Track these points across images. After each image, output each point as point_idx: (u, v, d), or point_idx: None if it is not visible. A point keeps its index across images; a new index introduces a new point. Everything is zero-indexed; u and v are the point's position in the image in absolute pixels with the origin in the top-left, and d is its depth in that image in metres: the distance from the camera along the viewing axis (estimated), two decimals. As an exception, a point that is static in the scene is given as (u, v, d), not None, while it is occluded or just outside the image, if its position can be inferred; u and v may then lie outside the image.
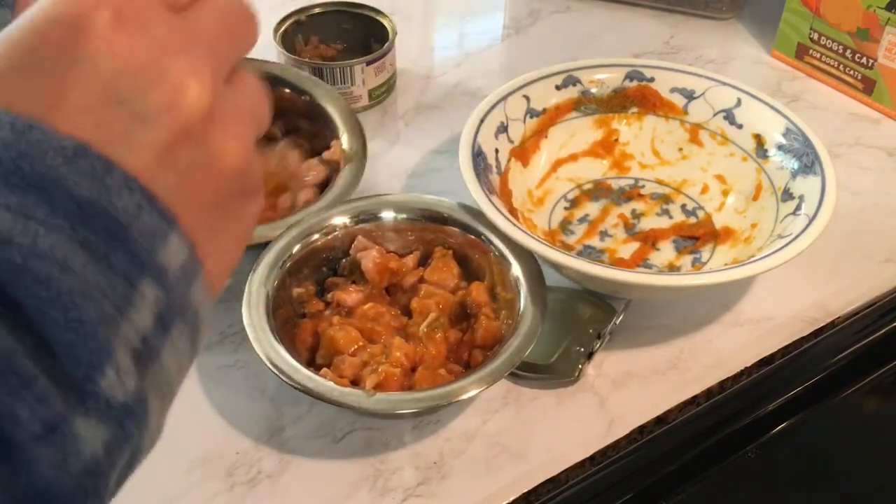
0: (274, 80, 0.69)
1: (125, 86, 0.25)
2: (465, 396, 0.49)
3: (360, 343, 0.53)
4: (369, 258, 0.57)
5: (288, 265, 0.56)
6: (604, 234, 0.65)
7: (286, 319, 0.54)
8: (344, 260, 0.59)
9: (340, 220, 0.59)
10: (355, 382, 0.51)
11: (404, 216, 0.59)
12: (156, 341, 0.25)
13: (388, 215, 0.59)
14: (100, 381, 0.23)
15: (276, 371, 0.49)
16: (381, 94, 0.77)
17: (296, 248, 0.57)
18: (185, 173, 0.26)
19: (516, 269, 0.56)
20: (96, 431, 0.23)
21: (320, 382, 0.49)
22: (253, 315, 0.52)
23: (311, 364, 0.53)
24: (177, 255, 0.26)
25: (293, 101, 0.69)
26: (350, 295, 0.56)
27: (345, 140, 0.64)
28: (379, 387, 0.50)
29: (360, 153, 0.64)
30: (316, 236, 0.58)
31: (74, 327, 0.23)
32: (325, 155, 0.64)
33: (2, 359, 0.22)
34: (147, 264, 0.25)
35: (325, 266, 0.58)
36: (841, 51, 0.78)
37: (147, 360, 0.25)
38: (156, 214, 0.25)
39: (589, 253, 0.64)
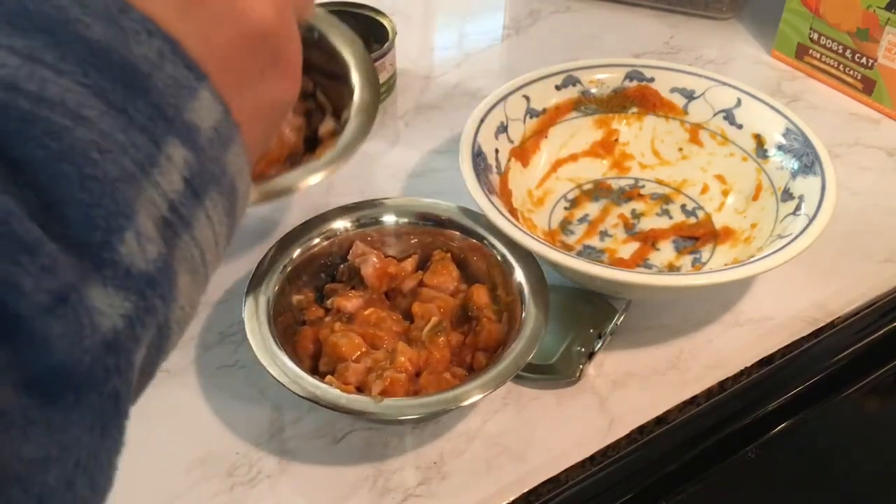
0: None
1: None
2: (471, 400, 0.49)
3: (364, 349, 0.53)
4: (369, 264, 0.57)
5: (288, 270, 0.56)
6: (604, 234, 0.65)
7: (287, 327, 0.54)
8: (342, 265, 0.58)
9: (339, 224, 0.59)
10: (360, 389, 0.51)
11: (402, 220, 0.59)
12: (186, 209, 0.23)
13: (385, 219, 0.59)
14: (118, 246, 0.21)
15: (282, 382, 0.49)
16: (381, 94, 0.77)
17: (296, 253, 0.57)
18: (208, 25, 0.23)
19: (517, 272, 0.56)
20: (114, 302, 0.21)
21: (327, 390, 0.49)
22: (255, 324, 0.52)
23: (314, 372, 0.53)
24: (209, 114, 0.23)
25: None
26: (350, 301, 0.56)
27: (356, 90, 0.60)
28: (385, 392, 0.50)
29: (371, 107, 0.59)
30: (315, 241, 0.58)
31: (89, 185, 0.20)
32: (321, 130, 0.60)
33: None
34: (174, 121, 0.22)
35: (324, 272, 0.58)
36: (841, 51, 0.78)
37: (176, 228, 0.22)
38: (181, 65, 0.22)
39: (589, 253, 0.64)
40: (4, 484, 0.19)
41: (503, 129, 0.65)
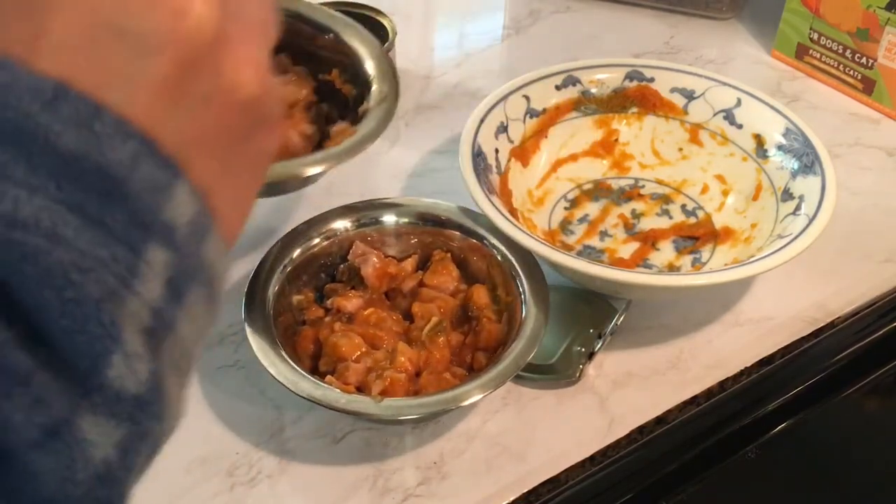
0: (296, 17, 0.62)
1: (117, 13, 0.20)
2: (471, 400, 0.49)
3: (364, 349, 0.53)
4: (369, 264, 0.57)
5: (288, 270, 0.56)
6: (604, 234, 0.65)
7: (287, 327, 0.54)
8: (342, 265, 0.58)
9: (339, 224, 0.59)
10: (360, 389, 0.51)
11: (402, 220, 0.59)
12: (169, 312, 0.22)
13: (385, 219, 0.59)
14: (106, 371, 0.20)
15: (282, 382, 0.49)
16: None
17: (296, 253, 0.57)
18: (193, 111, 0.22)
19: (517, 272, 0.56)
20: (106, 430, 0.20)
21: (327, 390, 0.49)
22: (255, 324, 0.52)
23: (315, 371, 0.53)
24: (185, 210, 0.22)
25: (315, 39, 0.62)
26: (350, 301, 0.55)
27: (374, 83, 0.60)
28: (385, 392, 0.50)
29: (391, 98, 0.58)
30: (315, 241, 0.58)
31: (71, 310, 0.19)
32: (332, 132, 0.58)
33: None
34: (151, 225, 0.21)
35: (323, 272, 0.58)
36: (841, 51, 0.78)
37: (160, 335, 0.21)
38: (157, 165, 0.21)
39: (589, 253, 0.64)
40: None
41: (503, 129, 0.65)
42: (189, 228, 0.22)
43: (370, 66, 0.59)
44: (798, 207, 0.59)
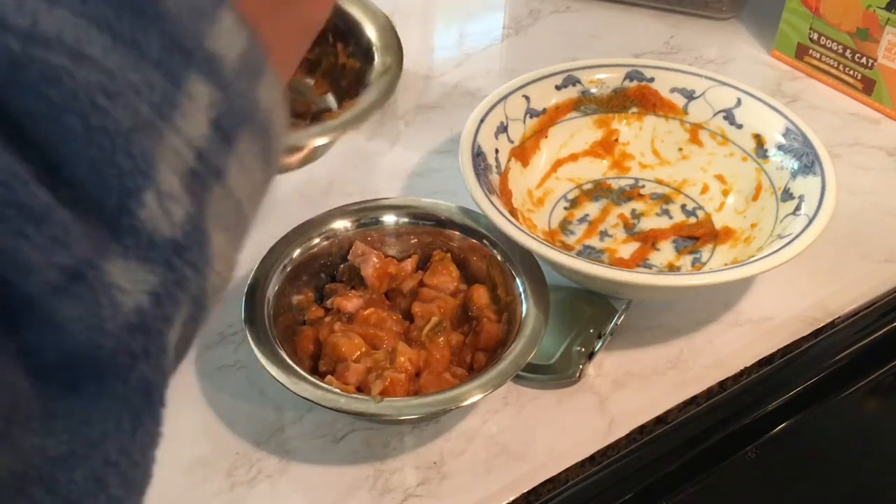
0: None
1: None
2: (471, 400, 0.49)
3: (364, 349, 0.53)
4: (369, 264, 0.57)
5: (288, 270, 0.56)
6: (604, 234, 0.65)
7: (286, 327, 0.54)
8: (342, 265, 0.58)
9: (339, 224, 0.59)
10: (360, 389, 0.51)
11: (402, 220, 0.59)
12: (216, 157, 0.19)
13: (385, 219, 0.59)
14: (137, 210, 0.18)
15: (282, 382, 0.49)
16: (381, 94, 0.77)
17: (296, 253, 0.57)
18: None
19: (517, 272, 0.56)
20: (138, 276, 0.18)
21: (327, 390, 0.49)
22: (255, 324, 0.52)
23: (315, 371, 0.53)
24: (233, 41, 0.19)
25: None
26: (350, 301, 0.55)
27: (377, 55, 0.59)
28: (385, 392, 0.50)
29: (394, 69, 0.57)
30: (315, 241, 0.58)
31: (98, 139, 0.17)
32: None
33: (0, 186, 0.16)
34: (192, 52, 0.18)
35: (324, 272, 0.58)
36: (841, 51, 0.78)
37: (205, 181, 0.19)
38: None
39: (589, 253, 0.64)
40: (27, 484, 0.18)
41: (503, 129, 0.65)
42: (239, 63, 0.19)
43: (374, 37, 0.58)
44: (798, 207, 0.59)
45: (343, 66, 0.60)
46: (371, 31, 0.59)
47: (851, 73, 0.78)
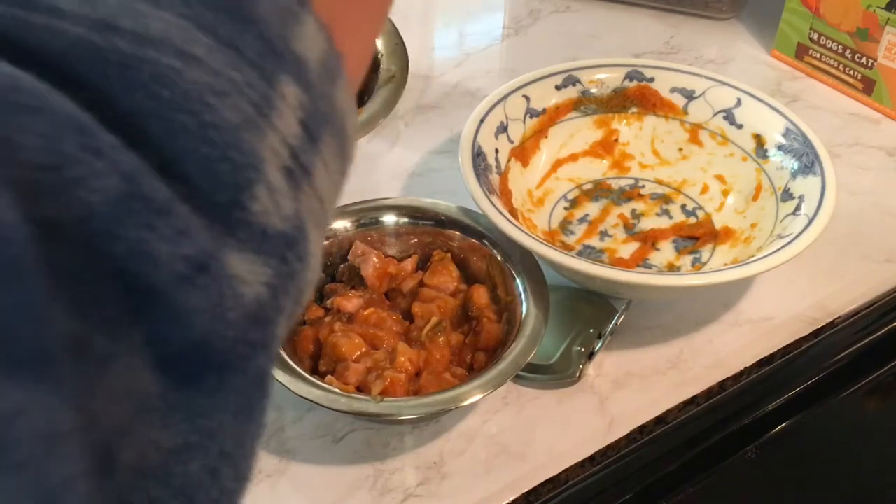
0: None
1: None
2: (471, 400, 0.49)
3: (364, 349, 0.53)
4: (369, 264, 0.57)
5: None
6: (604, 234, 0.65)
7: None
8: (342, 265, 0.58)
9: (339, 224, 0.59)
10: (360, 389, 0.51)
11: (402, 220, 0.59)
12: (306, 155, 0.20)
13: (385, 219, 0.59)
14: (251, 204, 0.18)
15: (282, 382, 0.49)
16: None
17: None
18: None
19: (517, 272, 0.56)
20: (255, 268, 0.18)
21: (327, 390, 0.49)
22: None
23: (315, 371, 0.53)
24: (315, 44, 0.20)
25: None
26: (350, 301, 0.55)
27: (382, 60, 0.57)
28: (385, 392, 0.50)
29: (400, 75, 0.56)
30: None
31: (211, 136, 0.17)
32: None
33: (123, 181, 0.16)
34: (283, 54, 0.19)
35: (323, 272, 0.58)
36: (841, 51, 0.78)
37: (298, 179, 0.20)
38: None
39: (589, 253, 0.64)
40: (141, 477, 0.18)
41: (503, 128, 0.65)
42: (320, 67, 0.20)
43: (378, 43, 0.58)
44: (798, 207, 0.59)
45: None
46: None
47: (851, 73, 0.78)
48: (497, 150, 0.63)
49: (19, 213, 0.15)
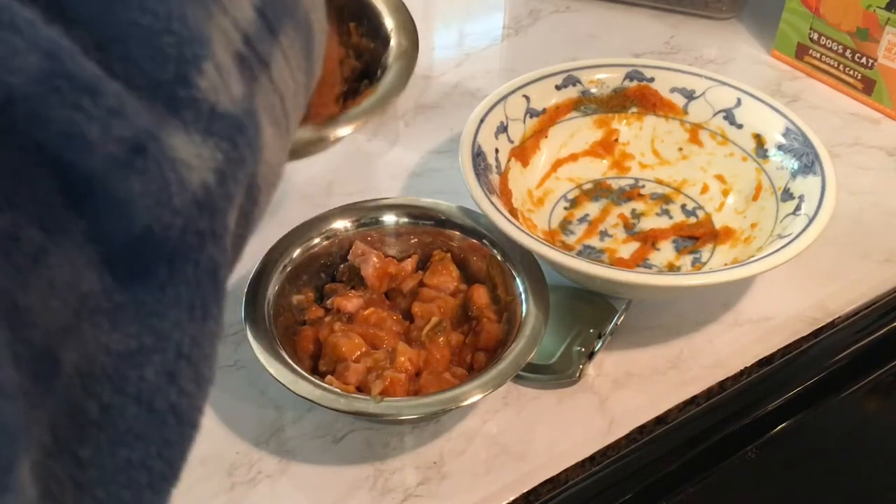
0: None
1: None
2: (471, 400, 0.49)
3: (364, 349, 0.53)
4: (369, 264, 0.57)
5: (288, 270, 0.56)
6: (604, 234, 0.65)
7: (286, 327, 0.54)
8: (342, 265, 0.58)
9: (339, 224, 0.59)
10: (360, 389, 0.51)
11: (402, 220, 0.59)
12: (262, 45, 0.19)
13: (385, 219, 0.59)
14: (198, 80, 0.17)
15: (282, 382, 0.49)
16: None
17: (296, 253, 0.57)
18: None
19: (517, 272, 0.56)
20: (201, 150, 0.17)
21: (327, 390, 0.49)
22: (255, 324, 0.52)
23: (315, 371, 0.53)
24: None
25: None
26: (350, 301, 0.55)
27: (392, 35, 0.57)
28: (385, 392, 0.50)
29: (410, 51, 0.56)
30: (315, 241, 0.58)
31: (152, 6, 0.16)
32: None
33: (46, 60, 0.15)
34: None
35: (324, 272, 0.58)
36: (841, 51, 0.78)
37: (253, 68, 0.19)
38: None
39: (589, 253, 0.64)
40: (94, 383, 0.17)
41: (503, 128, 0.65)
42: None
43: (388, 20, 0.58)
44: (798, 207, 0.59)
45: (357, 47, 0.59)
46: (383, 10, 0.58)
47: (851, 73, 0.78)
48: (497, 150, 0.63)
49: None
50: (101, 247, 0.17)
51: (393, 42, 0.56)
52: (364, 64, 0.59)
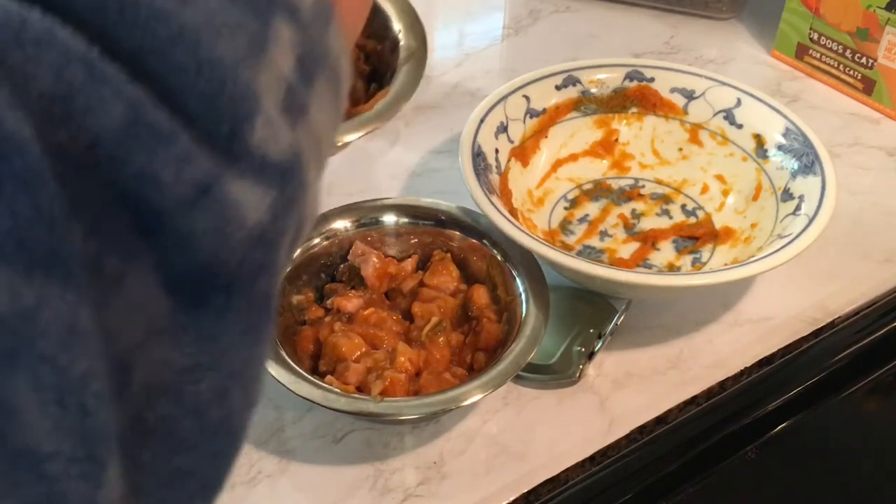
0: None
1: None
2: (471, 401, 0.49)
3: (364, 349, 0.53)
4: (369, 264, 0.57)
5: (288, 270, 0.56)
6: (604, 234, 0.65)
7: (286, 327, 0.54)
8: (342, 265, 0.58)
9: (339, 224, 0.59)
10: (360, 389, 0.51)
11: (402, 220, 0.59)
12: (301, 93, 0.21)
13: (385, 219, 0.59)
14: (249, 135, 0.19)
15: (282, 382, 0.49)
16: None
17: (296, 253, 0.56)
18: None
19: (517, 272, 0.56)
20: (256, 194, 0.19)
21: (327, 390, 0.49)
22: None
23: (315, 371, 0.53)
24: None
25: None
26: (350, 301, 0.55)
27: (401, 37, 0.57)
28: (385, 392, 0.50)
29: (419, 52, 0.56)
30: (315, 241, 0.58)
31: (209, 70, 0.18)
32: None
33: (129, 111, 0.17)
34: None
35: (323, 272, 0.58)
36: (841, 51, 0.78)
37: (295, 115, 0.21)
38: None
39: (589, 253, 0.64)
40: (154, 395, 0.19)
41: (503, 128, 0.65)
42: (312, 10, 0.21)
43: (396, 22, 0.58)
44: (798, 207, 0.59)
45: (363, 48, 0.59)
46: (390, 12, 0.58)
47: (851, 73, 0.78)
48: (497, 150, 0.63)
49: (33, 133, 0.16)
50: (167, 274, 0.19)
51: (402, 44, 0.55)
52: (372, 66, 0.59)
